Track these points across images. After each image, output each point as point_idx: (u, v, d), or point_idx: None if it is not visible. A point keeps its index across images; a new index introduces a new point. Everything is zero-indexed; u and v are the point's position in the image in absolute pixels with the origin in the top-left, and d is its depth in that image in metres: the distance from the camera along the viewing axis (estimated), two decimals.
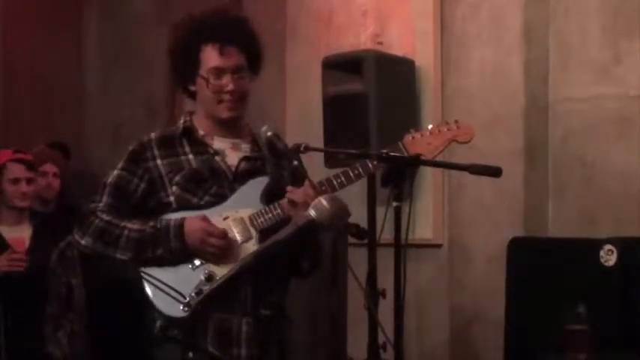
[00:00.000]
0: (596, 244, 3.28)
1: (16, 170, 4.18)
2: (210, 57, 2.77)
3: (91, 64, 6.51)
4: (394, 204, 2.85)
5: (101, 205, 2.75)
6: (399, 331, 2.87)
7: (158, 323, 2.70)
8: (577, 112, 3.82)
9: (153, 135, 2.84)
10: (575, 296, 3.16)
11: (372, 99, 3.96)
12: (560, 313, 3.07)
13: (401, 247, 2.87)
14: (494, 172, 2.76)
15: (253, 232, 2.72)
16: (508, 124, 3.89)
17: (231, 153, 2.83)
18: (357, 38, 4.52)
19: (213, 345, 2.68)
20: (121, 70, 6.27)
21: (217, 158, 2.80)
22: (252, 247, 2.69)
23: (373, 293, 3.33)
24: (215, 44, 2.76)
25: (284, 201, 2.70)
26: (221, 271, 2.67)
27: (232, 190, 2.77)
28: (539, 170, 3.87)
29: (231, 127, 2.84)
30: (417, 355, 4.17)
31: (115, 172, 2.80)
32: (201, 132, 2.83)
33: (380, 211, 3.52)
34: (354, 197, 3.70)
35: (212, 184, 2.77)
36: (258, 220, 2.72)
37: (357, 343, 3.62)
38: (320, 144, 4.00)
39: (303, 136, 3.42)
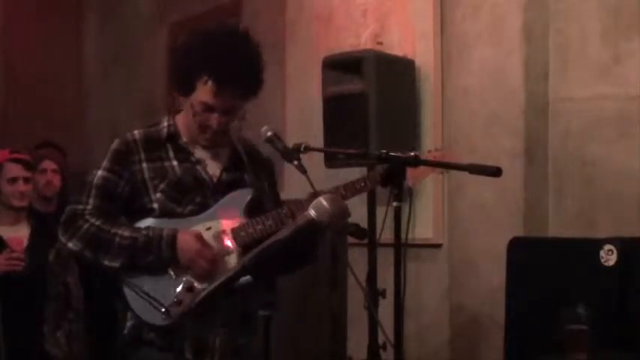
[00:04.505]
0: (596, 244, 3.28)
1: (14, 170, 4.19)
2: (204, 92, 2.70)
3: (91, 64, 6.51)
4: (394, 204, 2.85)
5: (89, 207, 2.72)
6: (399, 331, 2.87)
7: (129, 323, 2.70)
8: (577, 112, 3.82)
9: (137, 134, 2.80)
10: (575, 296, 3.16)
11: (372, 99, 3.96)
12: (560, 313, 3.07)
13: (401, 247, 2.87)
14: (494, 172, 2.75)
15: (235, 246, 2.71)
16: (508, 124, 3.89)
17: (211, 163, 2.82)
18: (357, 38, 4.52)
19: (189, 352, 2.67)
20: (120, 70, 6.27)
21: (199, 167, 2.79)
22: (233, 260, 2.69)
23: (373, 293, 3.33)
24: (213, 82, 2.68)
25: (270, 214, 2.71)
26: (201, 283, 2.68)
27: (215, 201, 2.76)
28: (539, 170, 3.87)
29: None
30: (417, 355, 4.17)
31: (100, 172, 2.76)
32: (184, 139, 2.81)
33: (380, 211, 3.52)
34: (355, 197, 3.71)
35: (196, 194, 2.76)
36: (241, 234, 2.72)
37: (357, 343, 3.62)
38: (320, 144, 4.00)
39: (303, 136, 3.41)
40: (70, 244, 2.70)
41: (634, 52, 3.69)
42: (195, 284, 2.68)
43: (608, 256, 3.24)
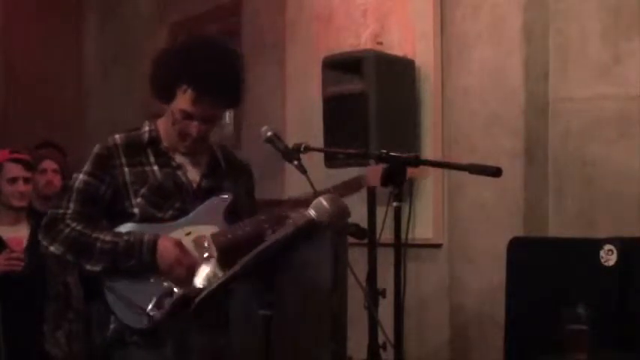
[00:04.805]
0: (596, 244, 3.28)
1: (14, 170, 4.19)
2: (184, 100, 2.73)
3: (91, 64, 6.51)
4: (394, 204, 2.85)
5: (70, 212, 2.74)
6: (399, 331, 2.87)
7: (112, 326, 2.73)
8: (577, 112, 3.82)
9: (118, 139, 2.83)
10: (575, 296, 3.16)
11: (372, 99, 3.96)
12: (560, 313, 3.07)
13: (401, 247, 2.88)
14: (494, 172, 2.76)
15: (214, 251, 2.74)
16: (508, 124, 3.89)
17: (191, 168, 2.85)
18: (357, 38, 4.52)
19: (172, 353, 2.71)
20: (120, 70, 6.27)
21: (179, 173, 2.81)
22: (211, 266, 2.73)
23: (373, 293, 3.33)
24: (192, 90, 2.70)
25: (249, 221, 2.74)
26: (180, 287, 2.71)
27: (195, 207, 2.79)
28: (539, 170, 3.87)
29: None
30: (417, 355, 4.17)
31: (81, 176, 2.78)
32: (165, 144, 2.83)
33: (380, 211, 3.52)
34: (354, 197, 3.71)
35: (176, 199, 2.79)
36: (220, 240, 2.75)
37: (357, 343, 3.62)
38: (320, 144, 4.00)
39: (303, 136, 3.42)
40: (52, 248, 2.73)
41: (634, 52, 3.69)
42: (175, 289, 2.70)
43: (608, 256, 3.24)
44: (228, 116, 5.98)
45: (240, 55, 2.88)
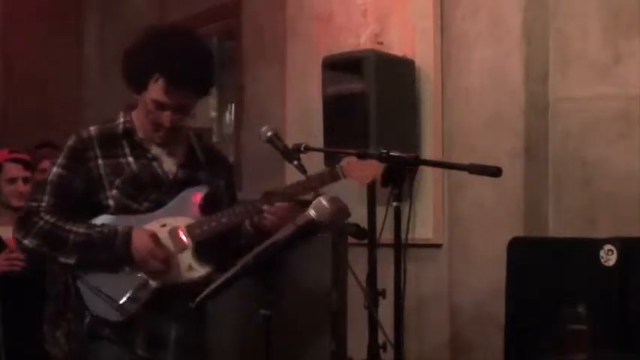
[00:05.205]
0: (596, 244, 3.28)
1: (13, 170, 4.19)
2: (156, 89, 2.72)
3: (91, 64, 6.51)
4: (394, 204, 2.86)
5: (44, 205, 2.72)
6: (399, 331, 2.87)
7: (87, 320, 2.73)
8: (577, 112, 3.82)
9: (93, 131, 2.80)
10: (575, 296, 3.16)
11: (372, 99, 3.96)
12: (560, 313, 3.07)
13: (401, 247, 2.88)
14: (494, 172, 2.76)
15: (189, 243, 2.73)
16: (508, 124, 3.89)
17: (167, 159, 2.84)
18: (357, 38, 4.52)
19: (143, 348, 2.71)
20: (120, 70, 6.26)
21: (155, 164, 2.80)
22: (187, 258, 2.72)
23: (373, 293, 3.33)
24: (164, 80, 2.70)
25: (225, 212, 2.73)
26: (155, 280, 2.70)
27: (171, 198, 2.77)
28: (539, 170, 3.87)
29: None
30: (417, 355, 4.17)
31: (55, 169, 2.76)
32: (140, 134, 2.82)
33: (380, 211, 3.52)
34: (354, 197, 3.71)
35: (152, 191, 2.77)
36: (196, 231, 2.73)
37: (357, 343, 3.62)
38: (320, 144, 4.00)
39: (303, 136, 3.42)
40: (26, 242, 2.71)
41: (634, 52, 3.69)
42: (150, 282, 2.68)
43: (608, 256, 3.23)
44: (228, 116, 5.99)
45: (209, 43, 2.87)
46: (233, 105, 5.75)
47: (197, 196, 2.79)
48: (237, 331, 3.92)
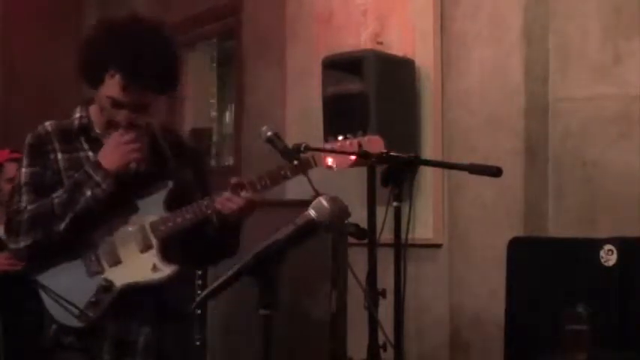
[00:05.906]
0: (596, 244, 3.28)
1: (13, 170, 4.18)
2: (112, 85, 2.54)
3: None
4: (394, 204, 2.85)
5: (23, 204, 2.60)
6: (399, 331, 2.87)
7: (52, 328, 2.60)
8: (577, 112, 3.82)
9: (49, 126, 2.69)
10: (575, 296, 3.16)
11: (372, 99, 3.96)
12: (560, 313, 3.07)
13: (401, 247, 2.87)
14: (494, 172, 2.76)
15: (154, 241, 2.62)
16: (508, 124, 3.89)
17: None
18: (357, 38, 4.52)
19: (109, 354, 2.57)
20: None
21: None
22: (151, 256, 2.61)
23: (373, 293, 3.33)
24: (121, 75, 2.51)
25: (190, 207, 2.61)
26: (120, 281, 2.58)
27: (135, 194, 2.64)
28: (539, 170, 3.87)
29: None
30: (417, 355, 4.17)
31: (24, 170, 2.65)
32: (97, 130, 2.68)
33: (380, 211, 3.52)
34: (354, 197, 3.71)
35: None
36: (160, 228, 2.61)
37: (357, 343, 3.62)
38: (320, 144, 3.98)
39: (303, 136, 3.41)
40: (23, 243, 2.58)
41: (634, 52, 3.69)
42: (114, 282, 2.56)
43: (608, 256, 3.24)
44: (228, 116, 5.99)
45: (173, 35, 2.66)
46: (233, 105, 5.76)
47: (162, 191, 2.65)
48: (234, 331, 3.93)
